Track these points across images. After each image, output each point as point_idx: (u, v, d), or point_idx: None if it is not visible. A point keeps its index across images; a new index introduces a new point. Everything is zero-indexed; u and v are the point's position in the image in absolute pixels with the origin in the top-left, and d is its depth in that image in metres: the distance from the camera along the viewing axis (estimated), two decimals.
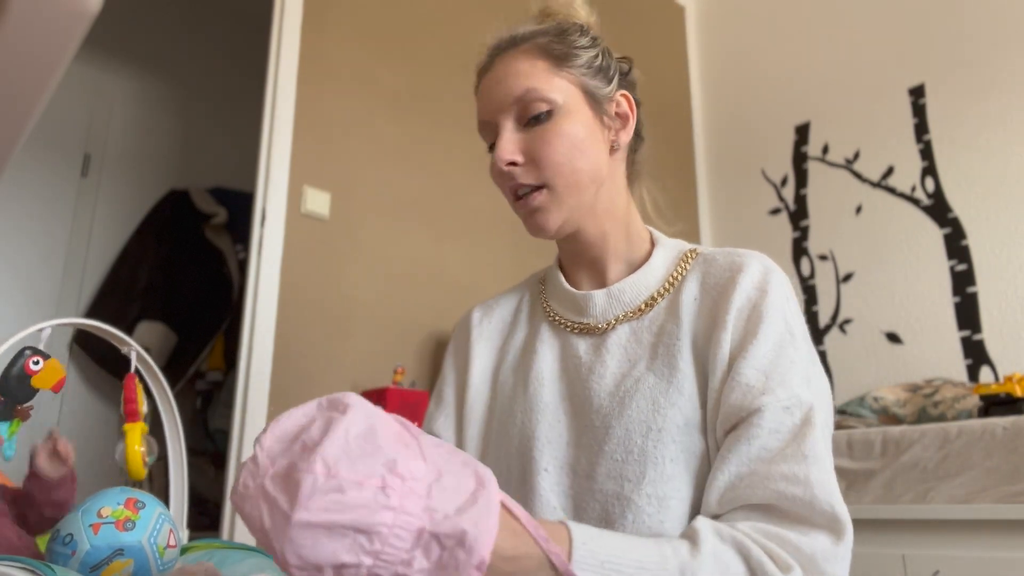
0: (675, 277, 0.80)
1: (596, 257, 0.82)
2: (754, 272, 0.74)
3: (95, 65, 3.01)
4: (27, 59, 0.29)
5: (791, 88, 2.93)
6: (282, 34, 2.03)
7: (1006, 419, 1.61)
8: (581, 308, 0.82)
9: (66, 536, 0.65)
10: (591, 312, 0.81)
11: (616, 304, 0.80)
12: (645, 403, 0.72)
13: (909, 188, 2.53)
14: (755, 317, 0.71)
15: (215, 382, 2.87)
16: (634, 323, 0.79)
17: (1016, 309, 2.25)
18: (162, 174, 3.11)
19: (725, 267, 0.77)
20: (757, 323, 0.70)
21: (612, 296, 0.80)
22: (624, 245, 0.82)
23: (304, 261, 1.97)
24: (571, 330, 0.82)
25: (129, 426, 0.81)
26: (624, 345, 0.78)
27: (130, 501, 0.69)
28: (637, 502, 0.68)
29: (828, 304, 2.64)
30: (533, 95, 0.76)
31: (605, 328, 0.79)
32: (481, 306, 0.94)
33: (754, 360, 0.68)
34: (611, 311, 0.80)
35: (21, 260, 2.75)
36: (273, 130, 1.96)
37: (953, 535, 1.61)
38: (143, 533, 0.67)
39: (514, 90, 0.77)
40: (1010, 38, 2.37)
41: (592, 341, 0.80)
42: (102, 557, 0.65)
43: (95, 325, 0.82)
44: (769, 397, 0.66)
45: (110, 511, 0.67)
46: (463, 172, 2.38)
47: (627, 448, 0.70)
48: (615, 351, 0.78)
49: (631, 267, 0.82)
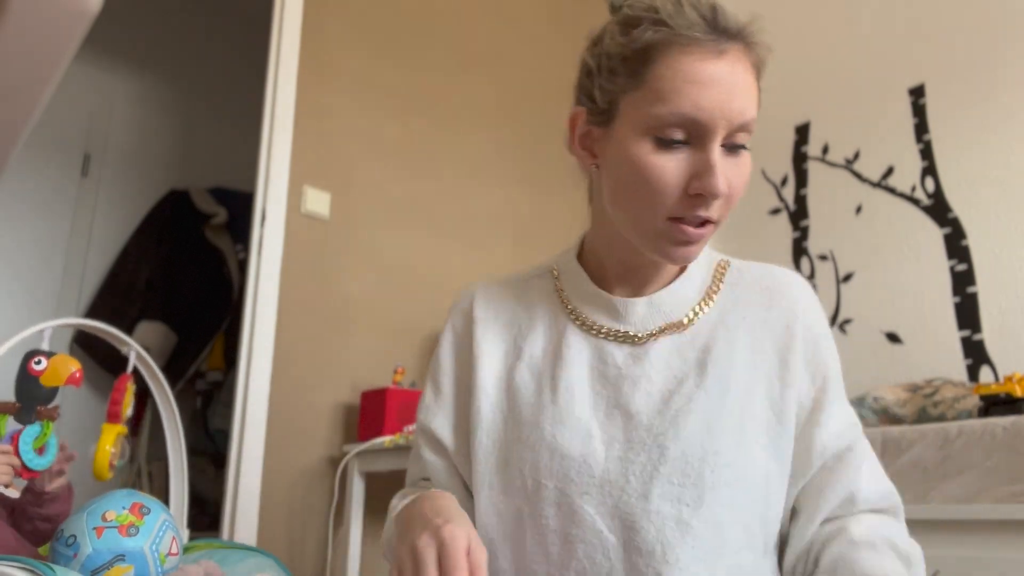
0: (713, 289, 0.77)
1: (650, 275, 0.77)
2: (809, 301, 0.78)
3: (95, 65, 3.01)
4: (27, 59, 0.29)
5: (791, 88, 2.93)
6: (282, 34, 2.03)
7: (1006, 419, 1.61)
8: (619, 314, 0.76)
9: (69, 537, 0.65)
10: (630, 320, 0.76)
11: (657, 314, 0.76)
12: (699, 425, 0.69)
13: (909, 188, 2.53)
14: (825, 358, 0.76)
15: (215, 382, 2.87)
16: (675, 336, 0.75)
17: (1016, 309, 2.24)
18: (162, 174, 3.11)
19: (770, 288, 0.77)
20: (828, 363, 0.76)
21: (654, 305, 0.76)
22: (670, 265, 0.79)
23: (304, 261, 1.97)
24: (606, 336, 0.76)
25: (107, 426, 0.81)
26: (667, 359, 0.73)
27: (135, 506, 0.69)
28: (696, 527, 0.67)
29: (828, 304, 2.64)
30: (751, 127, 0.68)
31: (645, 338, 0.75)
32: (480, 292, 0.86)
33: (836, 396, 0.74)
34: (652, 321, 0.75)
35: (21, 260, 2.74)
36: (273, 130, 1.96)
37: (953, 535, 1.60)
38: (146, 540, 0.67)
39: (746, 113, 0.66)
40: (1010, 38, 2.37)
41: (631, 351, 0.75)
42: (103, 561, 0.65)
43: (95, 325, 0.82)
44: (856, 429, 0.74)
45: (115, 515, 0.67)
46: (463, 172, 2.38)
47: (684, 472, 0.68)
48: (658, 364, 0.73)
49: (667, 276, 0.78)
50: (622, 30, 0.69)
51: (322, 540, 1.90)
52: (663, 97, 0.66)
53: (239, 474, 1.76)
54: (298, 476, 1.88)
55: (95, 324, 0.83)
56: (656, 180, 0.67)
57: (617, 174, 0.71)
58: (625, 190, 0.70)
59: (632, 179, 0.68)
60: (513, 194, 2.47)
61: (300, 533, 1.87)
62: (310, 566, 1.88)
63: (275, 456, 1.84)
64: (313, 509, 1.90)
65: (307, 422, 1.93)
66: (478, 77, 2.47)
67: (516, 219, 2.48)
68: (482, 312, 0.83)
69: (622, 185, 0.70)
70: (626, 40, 0.68)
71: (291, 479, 1.87)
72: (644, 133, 0.67)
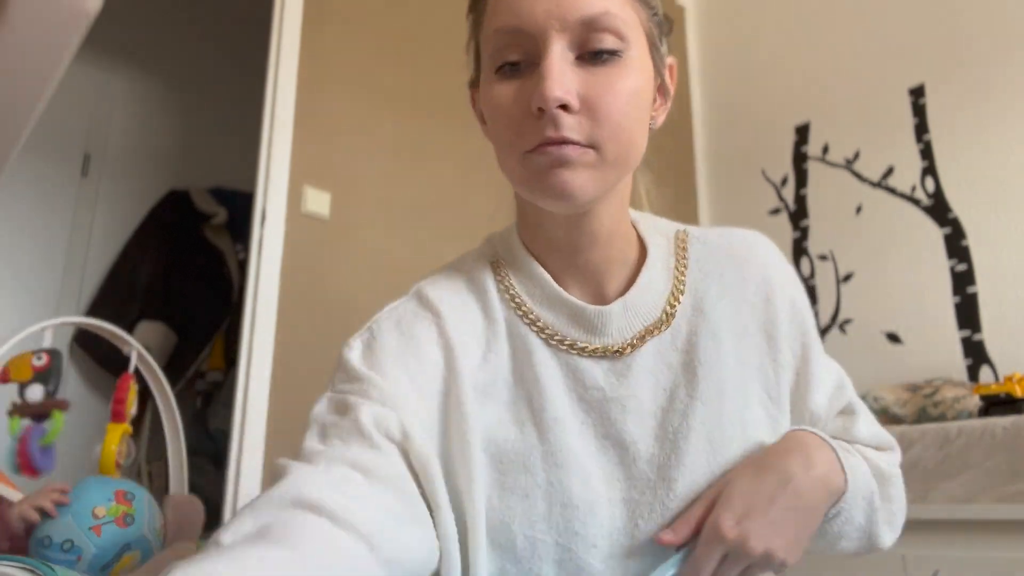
0: (680, 269, 0.66)
1: (599, 259, 0.64)
2: (774, 262, 0.69)
3: (95, 65, 3.01)
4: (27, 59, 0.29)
5: (791, 88, 2.93)
6: (282, 34, 2.03)
7: (1006, 419, 1.61)
8: (593, 326, 0.63)
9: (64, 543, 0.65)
10: (608, 331, 0.63)
11: (635, 318, 0.64)
12: (701, 443, 0.60)
13: (909, 188, 2.53)
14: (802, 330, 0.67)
15: (215, 382, 2.87)
16: (656, 341, 0.63)
17: (1016, 309, 2.24)
18: (162, 174, 3.11)
19: (737, 256, 0.67)
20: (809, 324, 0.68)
21: (629, 308, 0.64)
22: (623, 243, 0.66)
23: (304, 261, 1.97)
24: (579, 353, 0.63)
25: (112, 426, 0.81)
26: (652, 370, 0.63)
27: (119, 494, 0.69)
28: None
29: (828, 304, 2.64)
30: (608, 23, 0.55)
31: (627, 350, 0.63)
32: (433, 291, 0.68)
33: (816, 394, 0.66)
34: (630, 327, 0.64)
35: (21, 260, 2.74)
36: (273, 130, 1.96)
37: (953, 535, 1.60)
38: (143, 524, 0.67)
39: (586, 7, 0.55)
40: (1010, 38, 2.37)
41: (611, 367, 0.63)
42: (111, 557, 0.65)
43: (98, 324, 0.82)
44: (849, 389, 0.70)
45: (105, 510, 0.66)
46: (464, 172, 2.38)
47: (694, 501, 0.60)
48: (643, 379, 0.62)
49: (628, 267, 0.66)
50: None
51: None
52: (492, 20, 0.58)
53: (239, 474, 1.76)
54: None
55: (97, 323, 0.83)
56: (503, 112, 0.58)
57: (488, 127, 0.62)
58: (494, 139, 0.61)
59: (492, 124, 0.60)
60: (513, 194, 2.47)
61: None
62: None
63: (275, 456, 1.84)
64: None
65: (307, 422, 1.93)
66: None
67: None
68: (452, 320, 0.64)
69: (491, 135, 0.62)
70: None
71: None
72: (491, 70, 0.59)
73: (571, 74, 0.55)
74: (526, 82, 0.57)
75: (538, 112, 0.55)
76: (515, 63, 0.57)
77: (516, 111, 0.57)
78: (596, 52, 0.56)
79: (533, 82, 0.56)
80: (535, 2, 0.55)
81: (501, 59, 0.58)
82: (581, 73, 0.56)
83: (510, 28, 0.56)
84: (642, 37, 0.60)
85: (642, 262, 0.67)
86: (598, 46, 0.56)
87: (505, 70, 0.58)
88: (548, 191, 0.57)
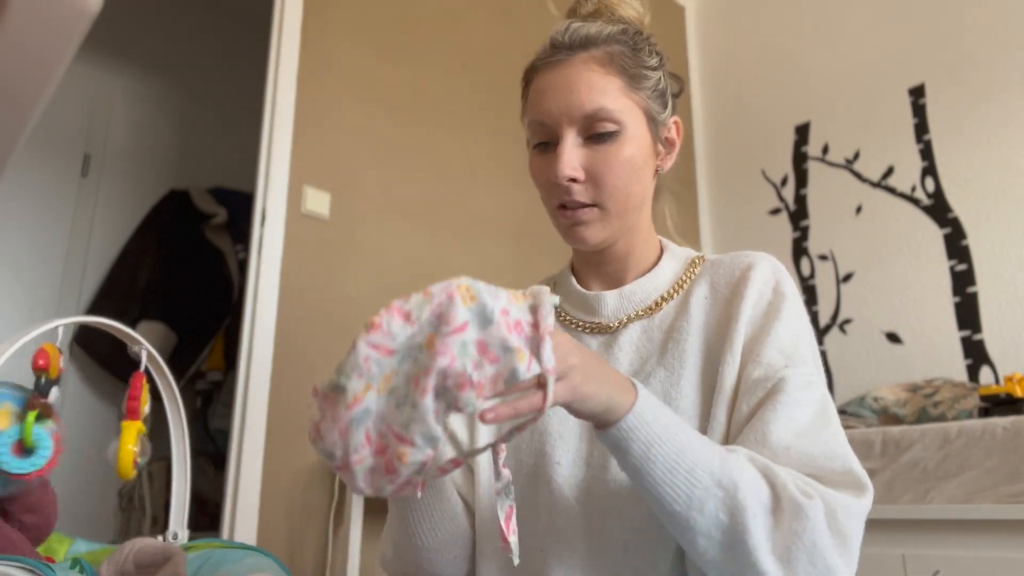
0: (684, 280, 0.83)
1: (617, 269, 0.84)
2: (765, 269, 0.78)
3: (95, 65, 3.01)
4: (27, 59, 0.29)
5: (791, 88, 2.93)
6: (282, 34, 2.03)
7: (1006, 419, 1.61)
8: (592, 308, 0.84)
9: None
10: (602, 312, 0.83)
11: (627, 304, 0.83)
12: (659, 397, 0.74)
13: (909, 188, 2.53)
14: (772, 310, 0.75)
15: (215, 382, 2.87)
16: (644, 322, 0.81)
17: (1016, 309, 2.25)
18: (162, 174, 3.11)
19: (735, 266, 0.80)
20: (775, 315, 0.74)
21: (624, 296, 0.83)
22: (642, 257, 0.85)
23: (304, 261, 1.97)
24: (582, 329, 0.84)
25: (127, 424, 0.80)
26: (635, 343, 0.80)
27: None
28: None
29: (828, 304, 2.64)
30: (605, 115, 0.75)
31: (616, 327, 0.82)
32: None
33: (775, 343, 0.72)
34: (622, 310, 0.83)
35: (21, 260, 2.75)
36: (273, 130, 1.96)
37: (953, 535, 1.61)
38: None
39: (587, 105, 0.75)
40: (1010, 38, 2.37)
41: (604, 339, 0.82)
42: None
43: (108, 323, 0.82)
44: (792, 371, 0.70)
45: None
46: (463, 172, 2.38)
47: None
48: (627, 348, 0.80)
49: (641, 272, 0.85)
50: None
51: (322, 540, 1.90)
52: (529, 111, 0.80)
53: (239, 474, 1.76)
54: (298, 476, 1.88)
55: (108, 322, 0.82)
56: (536, 179, 0.81)
57: None
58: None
59: (534, 184, 0.82)
60: (513, 194, 2.46)
61: (300, 533, 1.87)
62: (310, 566, 1.88)
63: (275, 456, 1.84)
64: (313, 509, 1.90)
65: (307, 422, 1.93)
66: (478, 77, 2.47)
67: (516, 219, 2.48)
68: None
69: None
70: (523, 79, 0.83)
71: (291, 479, 1.87)
72: (530, 147, 0.82)
73: (578, 153, 0.76)
74: (552, 157, 0.77)
75: (553, 184, 0.77)
76: (544, 143, 0.79)
77: (544, 179, 0.79)
78: (598, 135, 0.76)
79: (555, 160, 0.76)
80: (552, 103, 0.76)
81: (535, 140, 0.80)
82: (587, 151, 0.76)
83: (537, 121, 0.78)
84: (639, 115, 0.78)
85: None
86: (599, 131, 0.75)
87: (539, 148, 0.80)
88: (571, 241, 0.81)
